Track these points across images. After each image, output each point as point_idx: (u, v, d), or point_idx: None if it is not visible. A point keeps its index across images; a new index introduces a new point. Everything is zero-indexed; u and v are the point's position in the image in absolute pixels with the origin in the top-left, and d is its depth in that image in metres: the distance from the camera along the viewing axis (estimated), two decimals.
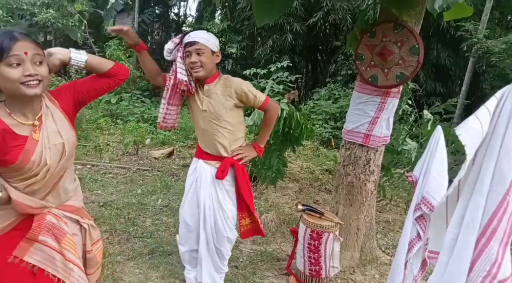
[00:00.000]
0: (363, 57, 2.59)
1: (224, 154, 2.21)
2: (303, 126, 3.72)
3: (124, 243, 3.11)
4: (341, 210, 2.89)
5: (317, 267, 2.56)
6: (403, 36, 2.39)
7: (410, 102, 3.81)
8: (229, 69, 10.95)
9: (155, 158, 6.03)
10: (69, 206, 1.53)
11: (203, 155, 2.29)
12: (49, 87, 1.58)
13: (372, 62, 2.54)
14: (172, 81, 2.21)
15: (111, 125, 7.88)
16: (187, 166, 5.73)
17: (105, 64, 1.56)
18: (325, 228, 2.47)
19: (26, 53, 1.27)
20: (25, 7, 11.00)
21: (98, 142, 6.24)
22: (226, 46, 10.89)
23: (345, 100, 8.27)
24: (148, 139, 7.03)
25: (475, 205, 1.27)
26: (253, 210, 2.32)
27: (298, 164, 5.84)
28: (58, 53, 1.45)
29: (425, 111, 3.62)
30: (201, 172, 2.26)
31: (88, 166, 5.16)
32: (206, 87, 2.17)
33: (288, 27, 9.47)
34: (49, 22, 10.79)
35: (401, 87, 2.63)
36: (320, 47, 11.95)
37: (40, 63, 1.33)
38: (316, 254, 2.53)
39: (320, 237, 2.48)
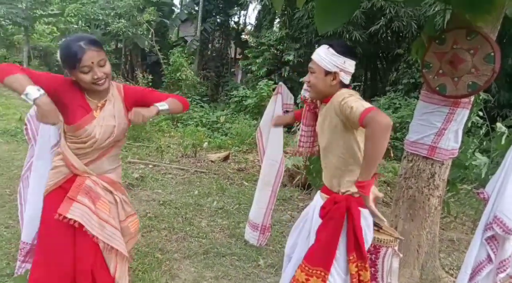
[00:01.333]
0: (431, 65, 2.46)
1: (333, 188, 1.80)
2: None
3: (181, 241, 3.24)
4: (401, 225, 2.76)
5: (373, 282, 2.46)
6: (477, 43, 2.24)
7: (481, 114, 3.55)
8: (286, 76, 11.00)
9: (212, 161, 6.22)
10: (106, 177, 1.83)
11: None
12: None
13: (441, 71, 2.41)
14: None
15: (172, 128, 8.29)
16: (241, 170, 5.84)
17: (179, 108, 1.89)
18: (384, 242, 2.37)
19: (92, 62, 1.61)
20: (101, 17, 12.00)
21: (159, 144, 6.59)
22: (284, 54, 10.97)
23: (406, 110, 7.92)
24: (206, 143, 7.28)
25: None
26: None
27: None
28: (150, 113, 1.73)
29: (499, 124, 3.35)
30: (313, 202, 1.97)
31: (150, 166, 5.46)
32: (322, 107, 1.86)
33: (347, 35, 9.31)
34: (121, 31, 11.66)
35: (472, 98, 2.47)
36: (380, 55, 11.58)
37: (104, 63, 1.66)
38: (372, 269, 2.43)
39: (378, 251, 2.39)
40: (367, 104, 1.54)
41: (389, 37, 10.35)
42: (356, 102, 1.57)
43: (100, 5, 12.27)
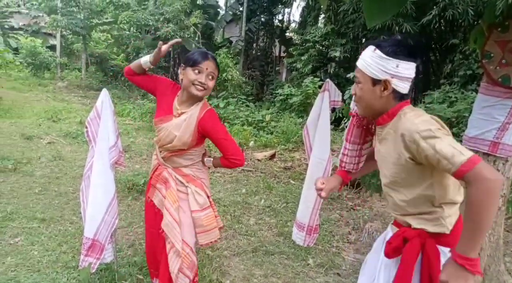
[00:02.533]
0: (492, 55, 2.29)
1: (403, 222, 1.44)
2: None
3: (230, 239, 3.30)
4: None
5: None
6: None
7: None
8: (332, 72, 10.78)
9: (258, 160, 6.27)
10: (180, 171, 2.04)
11: None
12: None
13: (504, 61, 2.23)
14: None
15: None
16: (288, 169, 5.82)
17: (228, 167, 2.09)
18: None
19: (206, 68, 1.87)
20: (151, 23, 12.52)
21: (207, 143, 6.73)
22: (329, 50, 10.76)
23: (462, 103, 7.41)
24: (252, 142, 7.34)
25: None
26: None
27: None
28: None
29: None
30: (383, 234, 1.63)
31: None
32: (377, 129, 1.49)
33: (397, 27, 8.91)
34: (169, 35, 12.08)
35: None
36: (433, 46, 10.96)
37: (212, 78, 1.91)
38: None
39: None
40: (465, 150, 1.14)
41: (442, 27, 9.76)
42: (447, 145, 1.16)
43: (150, 11, 12.79)
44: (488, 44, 2.31)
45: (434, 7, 8.39)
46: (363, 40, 10.62)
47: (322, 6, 8.29)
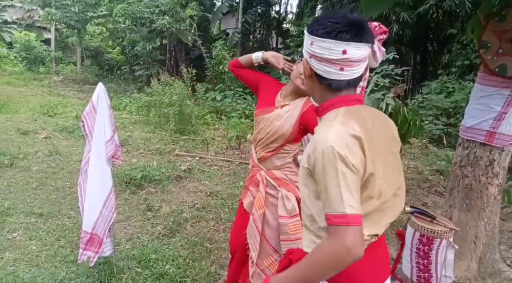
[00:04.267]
0: (489, 45, 2.28)
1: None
2: (410, 122, 3.46)
3: (228, 231, 3.30)
4: (456, 215, 2.61)
5: (427, 274, 2.36)
6: None
7: None
8: None
9: None
10: (272, 174, 1.94)
11: None
12: None
13: (500, 50, 2.22)
14: None
15: (216, 121, 8.43)
16: None
17: None
18: (437, 233, 2.26)
19: None
20: (146, 16, 12.40)
21: (205, 136, 6.74)
22: None
23: (460, 94, 7.44)
24: (249, 135, 7.33)
25: None
26: None
27: (405, 163, 5.46)
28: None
29: None
30: None
31: (196, 158, 5.61)
32: None
33: (394, 17, 8.86)
34: (165, 28, 11.97)
35: None
36: (430, 36, 10.92)
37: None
38: (425, 261, 2.34)
39: (431, 243, 2.28)
40: (347, 199, 0.93)
41: (440, 17, 9.71)
42: (335, 185, 0.94)
43: (145, 4, 12.65)
44: (485, 34, 2.31)
45: None
46: None
47: None
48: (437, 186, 4.66)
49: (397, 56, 4.57)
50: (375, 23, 1.15)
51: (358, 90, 1.16)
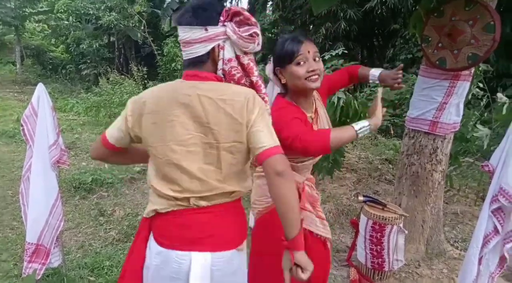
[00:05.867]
0: (430, 39, 2.41)
1: None
2: (361, 115, 3.58)
3: None
4: (405, 201, 2.75)
5: (380, 259, 2.47)
6: (476, 13, 2.19)
7: (481, 85, 3.50)
8: None
9: None
10: (310, 177, 1.76)
11: None
12: None
13: (440, 44, 2.36)
14: None
15: None
16: None
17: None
18: (388, 220, 2.37)
19: (309, 51, 1.48)
20: (91, 12, 11.80)
21: None
22: (279, 37, 10.82)
23: (404, 86, 7.84)
24: None
25: None
26: None
27: (356, 153, 5.67)
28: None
29: (499, 94, 3.31)
30: None
31: None
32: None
33: (341, 13, 9.15)
34: (112, 24, 11.47)
35: (472, 70, 2.42)
36: (376, 31, 11.41)
37: (318, 59, 1.51)
38: (378, 247, 2.45)
39: (383, 229, 2.39)
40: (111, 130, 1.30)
41: (384, 13, 10.18)
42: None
43: None
44: (426, 29, 2.43)
45: None
46: (311, 26, 10.80)
47: None
48: (387, 174, 4.88)
49: (346, 51, 4.69)
50: (228, 7, 1.19)
51: (219, 72, 1.21)
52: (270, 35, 11.29)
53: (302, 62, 1.47)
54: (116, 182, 4.21)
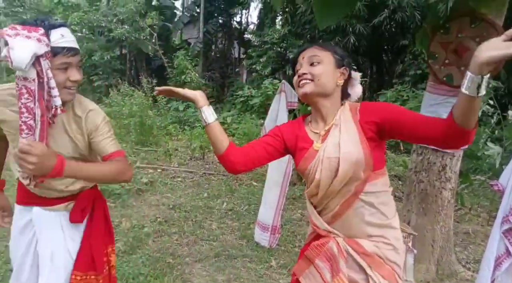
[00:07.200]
0: (436, 55, 2.41)
1: None
2: None
3: (192, 245, 3.22)
4: (414, 219, 2.71)
5: None
6: (482, 30, 2.19)
7: (491, 102, 3.47)
8: (290, 74, 10.94)
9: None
10: (358, 245, 1.22)
11: None
12: None
13: (447, 61, 2.35)
14: None
15: (179, 131, 8.29)
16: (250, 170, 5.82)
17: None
18: None
19: (303, 57, 1.30)
20: (104, 25, 12.06)
21: (167, 147, 6.59)
22: (287, 51, 10.92)
23: (414, 102, 7.80)
24: None
25: None
26: None
27: None
28: None
29: (511, 112, 3.27)
30: None
31: (158, 170, 5.46)
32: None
33: (350, 28, 9.22)
34: (124, 37, 11.70)
35: None
36: (385, 47, 11.45)
37: (318, 63, 1.27)
38: None
39: None
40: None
41: (393, 29, 10.23)
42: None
43: (103, 12, 12.32)
44: (433, 45, 2.43)
45: (385, 9, 8.77)
46: (320, 41, 10.89)
47: (275, 8, 8.39)
48: (396, 191, 4.83)
49: (355, 67, 4.72)
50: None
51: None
52: (279, 49, 11.39)
53: (297, 70, 1.32)
54: (123, 193, 4.22)
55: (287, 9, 10.71)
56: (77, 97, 1.43)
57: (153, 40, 12.71)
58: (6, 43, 1.16)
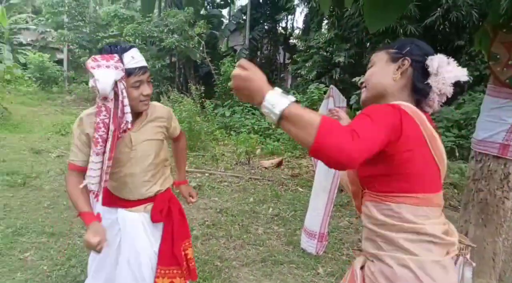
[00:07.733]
0: (498, 56, 2.26)
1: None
2: None
3: (239, 249, 3.27)
4: (472, 231, 2.54)
5: None
6: None
7: None
8: (337, 78, 10.76)
9: (265, 168, 6.24)
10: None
11: None
12: None
13: (510, 62, 2.20)
14: None
15: (225, 136, 8.46)
16: (295, 176, 5.79)
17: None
18: None
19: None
20: (156, 35, 12.65)
21: (214, 152, 6.75)
22: (334, 55, 10.75)
23: (470, 105, 7.35)
24: (259, 150, 7.33)
25: None
26: None
27: None
28: None
29: None
30: None
31: (206, 174, 5.61)
32: None
33: (401, 30, 8.89)
34: (174, 46, 12.19)
35: None
36: (438, 48, 10.89)
37: (370, 67, 1.23)
38: None
39: None
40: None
41: (447, 29, 9.71)
42: None
43: (154, 23, 12.94)
44: (494, 45, 2.29)
45: (438, 9, 8.36)
46: (368, 44, 10.61)
47: (323, 11, 8.31)
48: (451, 199, 4.56)
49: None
50: None
51: None
52: (325, 53, 11.26)
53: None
54: None
55: (333, 13, 10.55)
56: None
57: (201, 48, 13.12)
58: (92, 75, 1.37)
